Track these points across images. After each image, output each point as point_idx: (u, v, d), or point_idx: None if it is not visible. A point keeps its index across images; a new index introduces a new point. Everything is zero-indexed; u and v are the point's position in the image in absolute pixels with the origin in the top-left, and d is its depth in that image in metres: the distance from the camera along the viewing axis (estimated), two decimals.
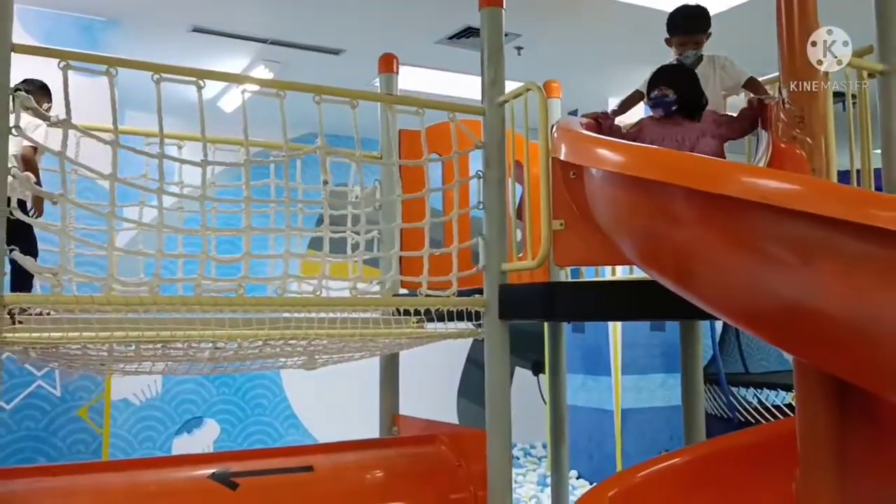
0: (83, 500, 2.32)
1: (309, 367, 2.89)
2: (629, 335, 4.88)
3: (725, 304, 1.61)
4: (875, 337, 1.37)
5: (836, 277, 1.38)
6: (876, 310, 1.36)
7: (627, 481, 2.12)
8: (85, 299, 2.06)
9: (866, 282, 1.35)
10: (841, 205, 1.37)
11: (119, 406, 4.22)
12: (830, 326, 1.42)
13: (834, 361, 1.52)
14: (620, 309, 2.56)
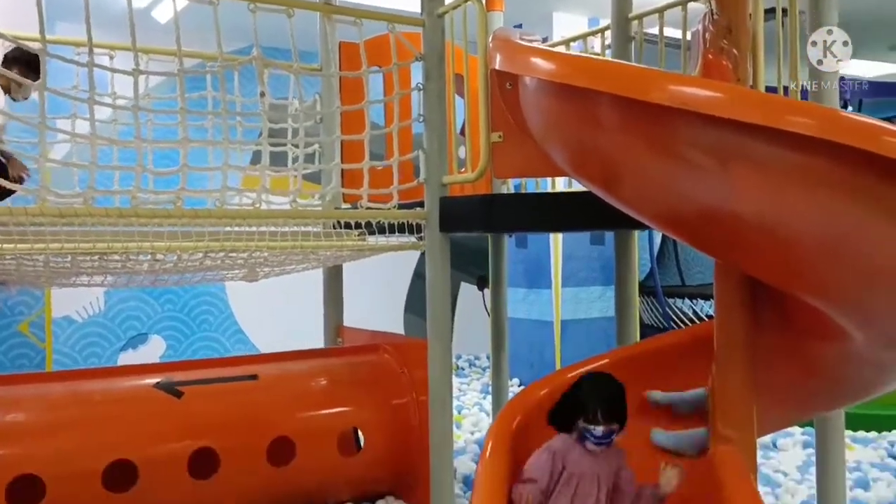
0: (27, 407, 2.34)
1: (250, 279, 2.92)
2: (570, 249, 4.99)
3: (650, 209, 1.68)
4: (785, 236, 1.45)
5: (751, 181, 1.45)
6: (786, 211, 1.44)
7: (558, 381, 2.22)
8: (18, 211, 2.03)
9: (779, 185, 1.43)
10: (759, 111, 1.42)
11: (61, 323, 4.19)
12: (745, 228, 1.50)
13: (748, 261, 1.61)
14: (558, 220, 2.63)
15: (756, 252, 1.54)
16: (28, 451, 2.25)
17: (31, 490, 2.21)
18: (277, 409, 2.70)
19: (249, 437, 2.57)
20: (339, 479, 2.81)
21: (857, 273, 1.49)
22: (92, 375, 2.71)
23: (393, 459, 2.86)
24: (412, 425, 2.85)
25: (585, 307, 5.06)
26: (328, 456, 2.73)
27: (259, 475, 2.56)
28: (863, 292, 1.53)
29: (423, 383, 2.72)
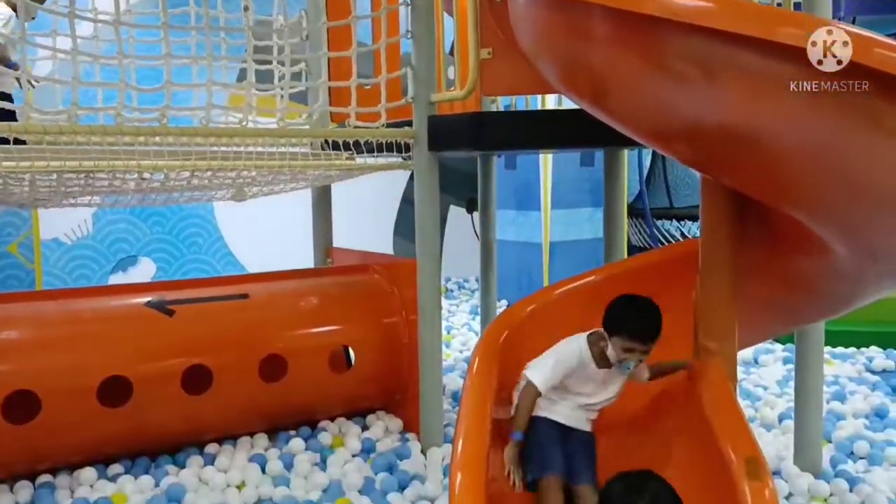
0: (20, 324, 2.36)
1: (239, 198, 2.91)
2: (559, 171, 4.98)
3: (639, 123, 1.67)
4: (772, 149, 1.46)
5: (740, 93, 1.45)
6: (774, 123, 1.44)
7: (546, 297, 2.26)
8: (2, 127, 2.01)
9: (767, 97, 1.42)
10: (749, 22, 1.41)
11: (50, 245, 4.18)
12: (733, 141, 1.50)
13: (735, 175, 1.62)
14: (547, 137, 2.62)
15: (743, 166, 1.55)
16: (22, 367, 2.28)
17: (27, 406, 2.25)
18: (268, 327, 2.74)
19: (241, 355, 2.61)
20: (330, 396, 2.87)
21: (842, 186, 1.50)
22: (83, 294, 2.72)
23: (383, 376, 2.92)
24: (402, 343, 2.89)
25: (574, 229, 5.08)
26: (319, 373, 2.78)
27: (252, 391, 2.61)
28: (847, 205, 1.55)
29: (413, 302, 2.76)
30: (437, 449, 2.66)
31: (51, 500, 2.24)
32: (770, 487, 1.51)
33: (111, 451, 2.47)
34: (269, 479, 2.42)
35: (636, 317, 1.91)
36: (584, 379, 1.99)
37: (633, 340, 1.89)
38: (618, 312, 1.95)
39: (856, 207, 1.54)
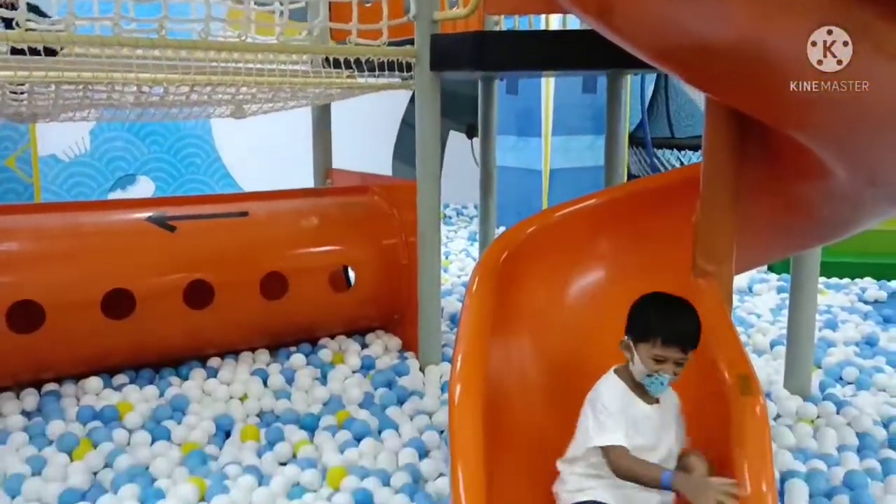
0: (24, 236, 2.37)
1: (238, 115, 2.89)
2: (561, 97, 4.93)
3: (643, 40, 1.64)
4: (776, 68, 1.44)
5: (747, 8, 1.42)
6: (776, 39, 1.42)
7: (547, 219, 2.26)
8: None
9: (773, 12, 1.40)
10: None
11: (48, 161, 4.16)
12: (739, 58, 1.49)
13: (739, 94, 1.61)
14: (551, 59, 2.58)
15: (748, 85, 1.54)
16: (26, 278, 2.30)
17: (32, 316, 2.28)
18: (270, 246, 2.75)
19: (243, 272, 2.63)
20: (330, 314, 2.91)
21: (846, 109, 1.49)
22: (86, 208, 2.73)
23: (382, 296, 2.95)
24: (401, 265, 2.92)
25: (575, 156, 5.07)
26: (320, 292, 2.81)
27: (253, 308, 2.64)
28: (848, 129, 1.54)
29: (413, 224, 2.77)
30: (435, 367, 2.71)
31: (56, 406, 2.29)
32: (761, 403, 1.55)
33: (115, 362, 2.51)
34: (270, 392, 2.48)
35: (670, 315, 1.59)
36: (635, 428, 1.57)
37: (668, 346, 1.54)
38: (647, 311, 1.63)
39: (857, 131, 1.54)
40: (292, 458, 2.13)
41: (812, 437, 2.26)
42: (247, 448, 2.16)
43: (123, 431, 2.16)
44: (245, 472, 1.99)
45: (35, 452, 2.06)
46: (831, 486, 1.97)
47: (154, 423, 2.24)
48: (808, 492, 1.92)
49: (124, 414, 2.25)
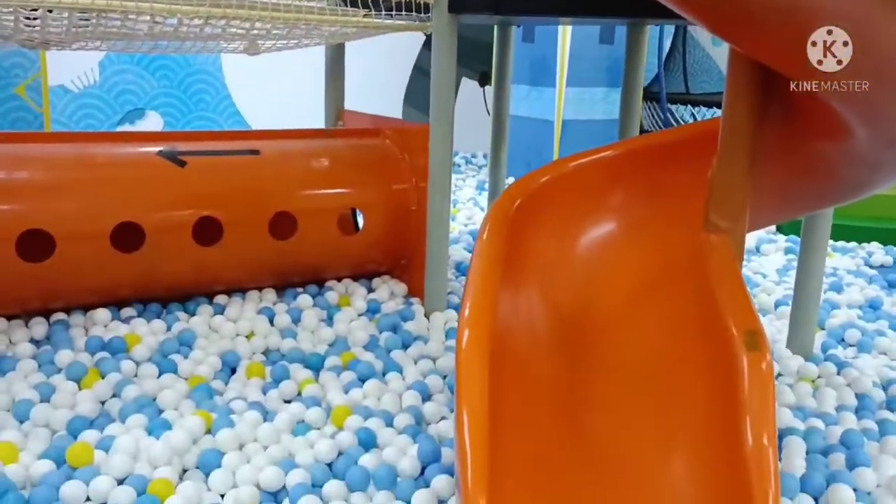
0: (34, 165, 2.36)
1: (252, 52, 2.85)
2: (577, 47, 4.85)
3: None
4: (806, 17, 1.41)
5: None
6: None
7: (560, 169, 2.25)
8: None
9: None
10: None
11: (57, 92, 4.12)
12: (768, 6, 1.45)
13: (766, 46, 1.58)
14: (572, 4, 2.54)
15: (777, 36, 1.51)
16: (36, 206, 2.30)
17: (42, 246, 2.28)
18: (279, 185, 2.74)
19: (252, 210, 2.63)
20: (338, 257, 2.91)
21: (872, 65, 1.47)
22: (96, 139, 2.71)
23: (390, 241, 2.95)
24: (410, 210, 2.91)
25: (588, 108, 5.01)
26: (328, 233, 2.81)
27: (261, 246, 2.64)
28: (874, 87, 1.52)
29: (423, 170, 2.75)
30: (440, 314, 2.73)
31: (65, 336, 2.31)
32: (767, 359, 1.56)
33: (124, 295, 2.53)
34: (276, 331, 2.50)
35: None
36: None
37: None
38: None
39: (882, 87, 1.51)
40: (297, 396, 2.15)
41: (812, 396, 2.28)
42: (252, 384, 2.18)
43: (131, 363, 2.18)
44: (250, 407, 2.01)
45: (43, 379, 2.08)
46: (828, 444, 2.00)
47: (161, 357, 2.26)
48: (805, 448, 1.94)
49: (132, 346, 2.27)
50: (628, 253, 2.10)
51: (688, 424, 1.67)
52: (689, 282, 1.91)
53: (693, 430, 1.66)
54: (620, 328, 1.98)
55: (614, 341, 2.01)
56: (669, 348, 1.88)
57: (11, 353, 2.21)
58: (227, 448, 1.82)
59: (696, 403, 1.70)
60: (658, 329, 1.90)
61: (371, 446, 1.91)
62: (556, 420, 1.83)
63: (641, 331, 1.95)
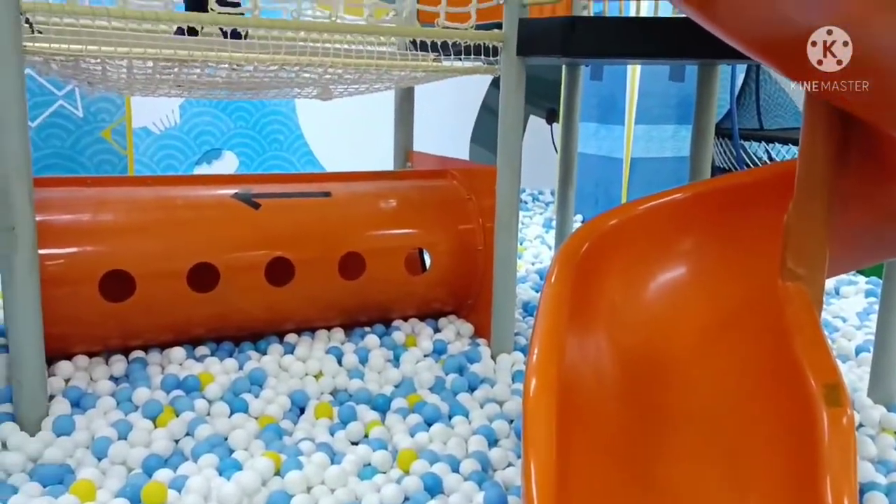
0: (117, 208, 2.46)
1: (325, 97, 2.92)
2: (646, 84, 4.81)
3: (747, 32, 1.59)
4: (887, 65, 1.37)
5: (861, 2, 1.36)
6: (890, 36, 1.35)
7: (629, 212, 2.22)
8: (100, 10, 2.05)
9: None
10: None
11: (140, 134, 4.31)
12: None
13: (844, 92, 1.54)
14: (643, 46, 2.52)
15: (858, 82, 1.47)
16: (119, 248, 2.39)
17: (123, 286, 2.36)
18: (349, 226, 2.79)
19: (322, 251, 2.68)
20: (405, 296, 2.93)
21: None
22: (175, 182, 2.81)
23: (457, 281, 2.96)
24: (477, 250, 2.92)
25: (657, 145, 4.95)
26: (395, 273, 2.84)
27: (331, 286, 2.68)
28: None
29: (490, 210, 2.76)
30: (507, 356, 2.71)
31: (143, 374, 2.38)
32: (848, 414, 1.50)
33: (198, 332, 2.60)
34: (344, 371, 2.52)
35: None
36: None
37: None
38: None
39: None
40: (364, 438, 2.17)
41: (895, 448, 2.17)
42: (320, 425, 2.20)
43: (204, 401, 2.24)
44: (318, 448, 2.03)
45: (121, 417, 2.15)
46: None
47: (233, 395, 2.30)
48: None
49: (205, 384, 2.32)
50: (699, 299, 2.05)
51: (762, 480, 1.61)
52: (765, 330, 1.85)
53: (768, 486, 1.60)
54: (691, 376, 1.94)
55: (684, 389, 1.96)
56: (743, 399, 1.83)
57: (92, 390, 2.29)
58: (295, 490, 1.84)
59: (771, 458, 1.64)
60: (731, 378, 1.85)
61: (437, 492, 1.90)
62: (624, 469, 1.79)
63: (713, 379, 1.90)
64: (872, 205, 1.89)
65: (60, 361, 2.35)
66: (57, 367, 2.33)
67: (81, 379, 2.32)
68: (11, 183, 1.98)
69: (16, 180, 1.98)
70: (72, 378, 2.32)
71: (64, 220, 2.37)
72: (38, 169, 3.63)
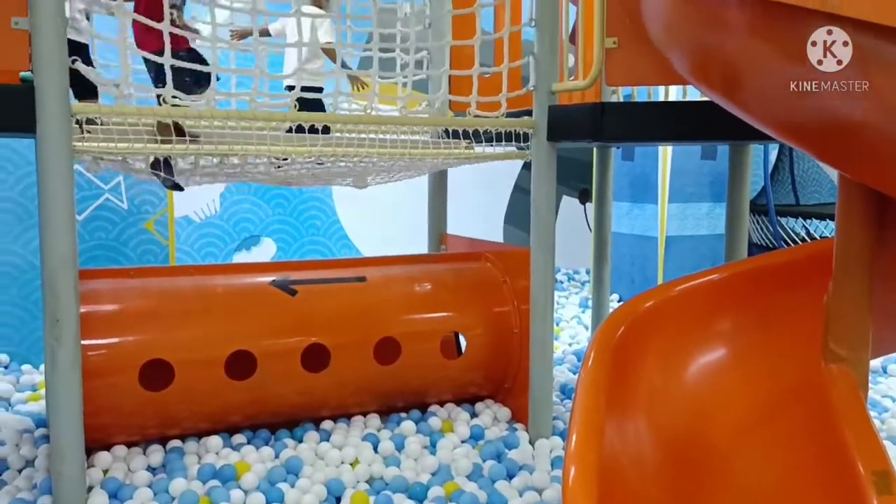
0: (158, 297, 2.51)
1: (360, 186, 2.99)
2: (678, 163, 4.83)
3: (773, 116, 1.61)
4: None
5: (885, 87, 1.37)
6: None
7: (665, 294, 2.21)
8: (146, 111, 2.14)
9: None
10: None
11: (181, 223, 4.42)
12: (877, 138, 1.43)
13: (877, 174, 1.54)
14: (671, 129, 2.55)
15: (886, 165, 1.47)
16: (159, 338, 2.43)
17: (162, 375, 2.39)
18: (385, 311, 2.81)
19: (358, 336, 2.69)
20: (441, 381, 2.92)
21: None
22: (214, 271, 2.87)
23: (493, 365, 2.94)
24: (512, 333, 2.91)
25: (692, 224, 4.93)
26: (431, 357, 2.83)
27: (367, 371, 2.68)
28: None
29: (525, 292, 2.76)
30: (546, 441, 2.66)
31: (180, 464, 2.38)
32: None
33: (235, 420, 2.60)
34: (380, 458, 2.49)
35: None
36: None
37: None
38: None
39: None
40: None
41: None
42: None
43: (240, 492, 2.22)
44: None
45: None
46: None
47: (268, 484, 2.29)
48: None
49: (241, 474, 2.31)
50: (740, 382, 2.00)
51: None
52: (809, 415, 1.80)
53: None
54: (733, 461, 1.88)
55: (727, 475, 1.90)
56: (788, 485, 1.77)
57: (129, 480, 2.29)
58: None
59: None
60: (775, 464, 1.79)
61: None
62: None
63: (756, 465, 1.85)
64: None
65: (99, 452, 2.36)
66: (96, 458, 2.34)
67: (119, 469, 2.33)
68: (58, 277, 2.04)
69: (62, 274, 2.04)
70: (110, 469, 2.33)
71: (106, 311, 2.42)
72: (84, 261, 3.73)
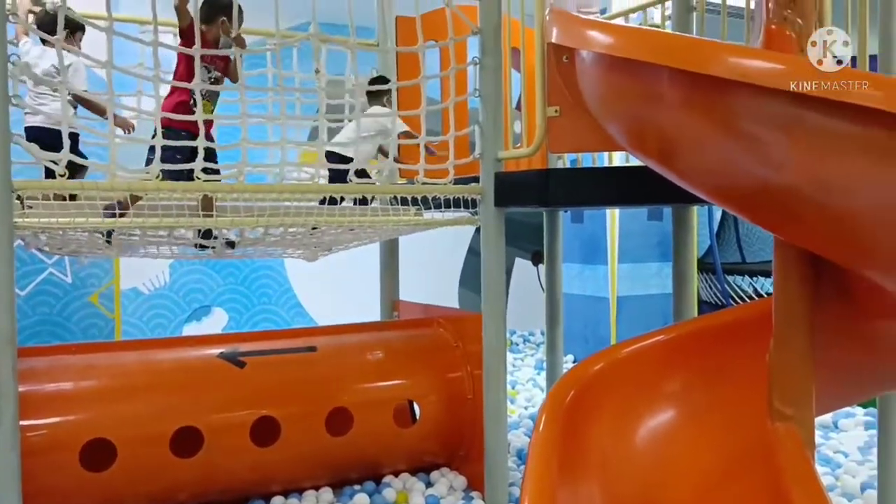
0: (100, 374, 2.45)
1: (310, 258, 2.98)
2: (626, 225, 4.94)
3: (707, 183, 1.66)
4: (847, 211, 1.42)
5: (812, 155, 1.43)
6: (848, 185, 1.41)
7: (613, 356, 2.22)
8: (89, 185, 2.12)
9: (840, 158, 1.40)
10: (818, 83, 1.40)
11: (129, 295, 4.35)
12: (805, 202, 1.48)
13: (808, 236, 1.59)
14: (615, 194, 2.61)
15: (816, 227, 1.52)
16: (100, 416, 2.36)
17: (104, 454, 2.31)
18: (335, 381, 2.77)
19: (309, 407, 2.65)
20: (395, 450, 2.87)
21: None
22: (160, 345, 2.81)
23: (448, 432, 2.91)
24: (466, 399, 2.89)
25: (642, 283, 5.01)
26: (384, 427, 2.79)
27: (318, 444, 2.63)
28: None
29: (478, 357, 2.75)
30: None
31: None
32: None
33: (182, 499, 2.52)
34: None
35: None
36: None
37: None
38: None
39: None
40: None
41: None
42: None
43: None
44: None
45: None
46: None
47: None
48: None
49: None
50: (690, 444, 2.01)
51: None
52: (760, 477, 1.81)
53: None
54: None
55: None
56: None
57: None
58: None
59: None
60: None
61: None
62: None
63: None
64: (853, 340, 1.90)
65: None
66: None
67: None
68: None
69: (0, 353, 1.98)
70: None
71: (46, 390, 2.35)
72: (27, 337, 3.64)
